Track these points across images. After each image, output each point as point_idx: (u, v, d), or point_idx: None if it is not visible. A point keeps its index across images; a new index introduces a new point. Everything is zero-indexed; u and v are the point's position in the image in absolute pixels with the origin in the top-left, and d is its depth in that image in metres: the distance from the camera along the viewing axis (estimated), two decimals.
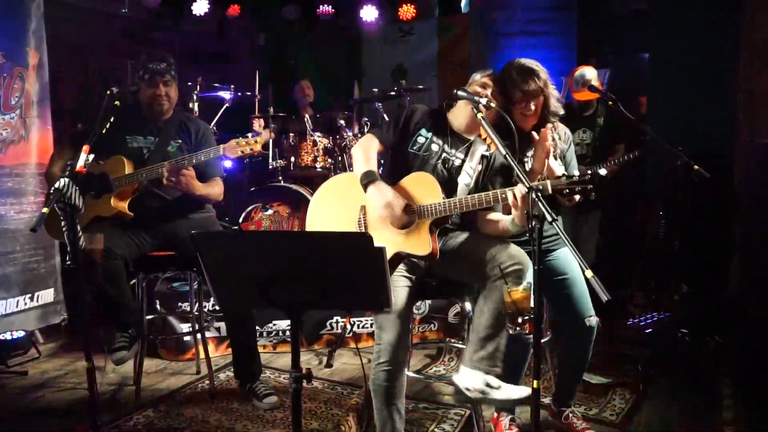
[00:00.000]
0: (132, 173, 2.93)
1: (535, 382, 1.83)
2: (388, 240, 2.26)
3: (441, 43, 5.96)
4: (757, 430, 2.75)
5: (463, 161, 2.45)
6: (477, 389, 2.18)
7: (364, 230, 2.34)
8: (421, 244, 2.25)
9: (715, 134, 4.30)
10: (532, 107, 2.44)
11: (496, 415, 2.73)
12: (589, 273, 1.66)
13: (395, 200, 2.28)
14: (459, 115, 2.45)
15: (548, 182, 2.00)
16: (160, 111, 3.05)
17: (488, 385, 2.18)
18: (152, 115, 3.07)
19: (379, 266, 1.61)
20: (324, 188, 2.57)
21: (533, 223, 1.76)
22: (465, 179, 2.43)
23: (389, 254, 2.22)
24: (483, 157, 2.48)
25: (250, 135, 2.86)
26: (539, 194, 1.77)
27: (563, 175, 2.02)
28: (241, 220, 3.91)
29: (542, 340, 2.98)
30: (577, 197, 2.01)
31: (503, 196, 2.14)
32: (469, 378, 2.21)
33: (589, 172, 1.97)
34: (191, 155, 2.92)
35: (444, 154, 2.44)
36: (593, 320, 2.49)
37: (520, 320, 1.83)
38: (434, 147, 2.44)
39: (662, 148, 3.30)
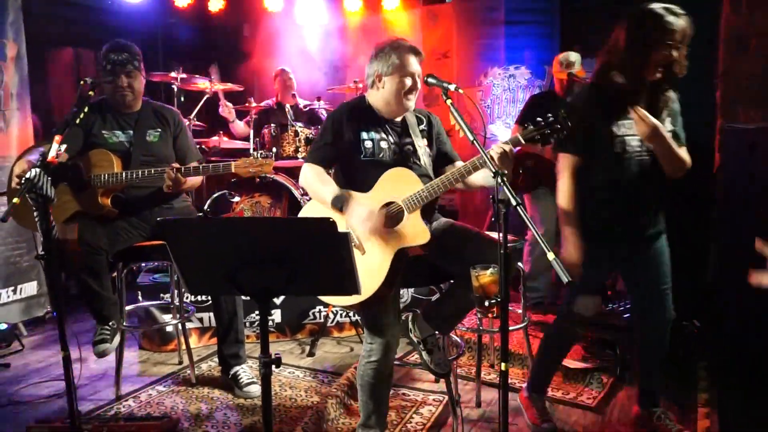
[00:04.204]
0: (125, 174, 2.85)
1: (503, 365, 1.84)
2: (386, 242, 2.24)
3: (425, 33, 5.93)
4: (732, 414, 2.78)
5: (413, 144, 2.42)
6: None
7: (358, 243, 2.25)
8: (418, 234, 2.24)
9: (695, 120, 4.32)
10: (675, 54, 2.36)
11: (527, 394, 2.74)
12: (551, 255, 1.68)
13: (372, 206, 2.25)
14: (379, 98, 2.39)
15: (518, 134, 2.16)
16: (124, 103, 2.98)
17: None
18: (121, 107, 3.00)
19: (344, 251, 1.63)
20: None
21: (498, 206, 1.77)
22: (425, 159, 2.42)
23: (392, 254, 2.22)
24: (422, 131, 2.46)
25: (259, 155, 2.84)
26: (504, 179, 1.78)
27: (528, 124, 2.14)
28: (206, 207, 3.89)
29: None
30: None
31: (480, 161, 2.16)
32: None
33: (549, 116, 2.11)
34: (200, 166, 2.89)
35: (394, 146, 2.39)
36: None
37: (487, 303, 1.85)
38: (383, 144, 2.38)
39: None
